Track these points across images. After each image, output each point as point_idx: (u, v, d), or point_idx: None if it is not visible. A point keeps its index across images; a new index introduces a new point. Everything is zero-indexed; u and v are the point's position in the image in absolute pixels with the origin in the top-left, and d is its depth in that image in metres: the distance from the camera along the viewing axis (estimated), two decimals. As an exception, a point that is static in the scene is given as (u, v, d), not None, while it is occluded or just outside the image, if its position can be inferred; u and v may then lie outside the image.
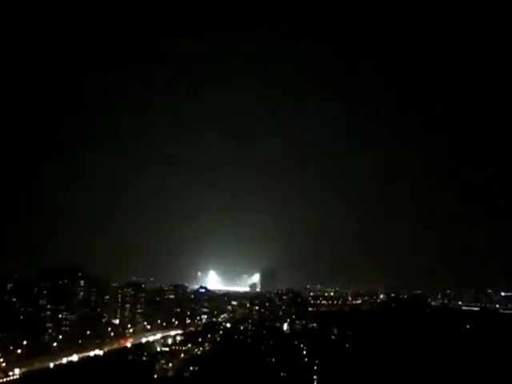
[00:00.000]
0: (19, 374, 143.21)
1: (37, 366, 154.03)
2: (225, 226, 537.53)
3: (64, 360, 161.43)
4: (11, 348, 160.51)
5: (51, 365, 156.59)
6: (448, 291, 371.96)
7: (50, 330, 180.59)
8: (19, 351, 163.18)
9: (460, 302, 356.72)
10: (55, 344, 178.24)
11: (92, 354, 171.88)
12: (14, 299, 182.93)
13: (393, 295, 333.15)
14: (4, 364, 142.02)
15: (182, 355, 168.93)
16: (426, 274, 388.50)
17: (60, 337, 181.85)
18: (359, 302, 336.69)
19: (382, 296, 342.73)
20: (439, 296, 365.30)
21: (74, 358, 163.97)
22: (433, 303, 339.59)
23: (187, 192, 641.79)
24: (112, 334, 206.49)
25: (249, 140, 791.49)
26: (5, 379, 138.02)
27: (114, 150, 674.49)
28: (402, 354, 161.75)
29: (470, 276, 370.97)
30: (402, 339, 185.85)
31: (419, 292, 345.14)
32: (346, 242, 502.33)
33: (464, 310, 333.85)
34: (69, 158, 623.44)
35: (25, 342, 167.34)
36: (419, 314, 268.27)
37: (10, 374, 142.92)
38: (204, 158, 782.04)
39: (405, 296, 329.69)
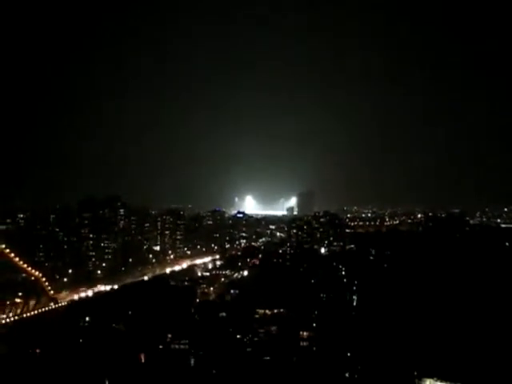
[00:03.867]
0: (67, 302, 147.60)
1: (82, 293, 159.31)
2: (260, 150, 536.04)
3: (108, 287, 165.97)
4: (57, 277, 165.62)
5: (96, 291, 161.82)
6: (486, 209, 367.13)
7: (93, 259, 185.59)
8: (65, 280, 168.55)
9: (499, 220, 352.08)
10: (99, 272, 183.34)
11: (135, 280, 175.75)
12: (57, 229, 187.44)
13: (430, 214, 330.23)
14: (52, 292, 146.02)
15: (223, 279, 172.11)
16: (463, 192, 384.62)
17: (103, 265, 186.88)
18: (396, 222, 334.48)
19: (419, 216, 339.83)
20: (477, 214, 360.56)
21: (117, 286, 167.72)
22: (471, 221, 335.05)
23: (221, 118, 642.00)
24: (153, 260, 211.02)
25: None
26: (54, 306, 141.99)
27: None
28: (440, 271, 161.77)
29: (509, 192, 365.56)
30: (440, 257, 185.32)
31: (457, 211, 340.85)
32: (382, 162, 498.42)
33: (503, 227, 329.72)
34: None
35: (70, 271, 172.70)
36: (457, 233, 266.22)
37: (60, 301, 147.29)
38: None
39: (443, 215, 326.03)
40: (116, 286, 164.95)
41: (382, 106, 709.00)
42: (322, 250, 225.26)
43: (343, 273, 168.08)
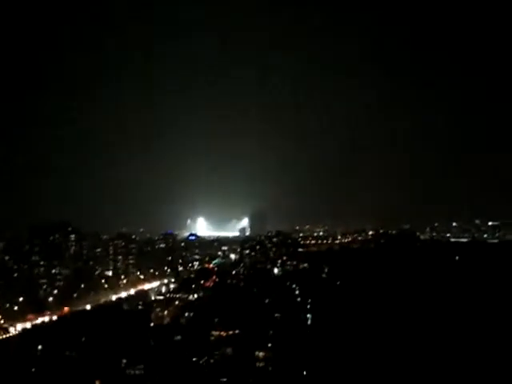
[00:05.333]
0: (18, 331, 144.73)
1: (33, 321, 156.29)
2: (211, 172, 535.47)
3: (59, 314, 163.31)
4: (7, 306, 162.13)
5: (47, 319, 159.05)
6: (436, 224, 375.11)
7: (44, 286, 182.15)
8: (16, 308, 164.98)
9: (448, 235, 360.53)
10: (51, 299, 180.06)
11: (87, 306, 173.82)
12: (7, 257, 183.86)
13: (381, 231, 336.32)
14: (2, 321, 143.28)
15: (177, 302, 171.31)
16: (413, 209, 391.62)
17: (55, 292, 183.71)
18: (349, 240, 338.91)
19: (370, 233, 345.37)
20: (427, 230, 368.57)
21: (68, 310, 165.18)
22: (421, 237, 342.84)
23: (171, 137, 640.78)
24: (106, 285, 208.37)
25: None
26: (4, 336, 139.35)
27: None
28: (392, 287, 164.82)
29: (458, 208, 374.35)
30: (392, 273, 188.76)
31: (407, 227, 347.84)
32: (333, 180, 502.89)
33: (453, 241, 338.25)
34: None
35: (21, 299, 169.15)
36: (408, 249, 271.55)
37: (10, 330, 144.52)
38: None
39: (393, 232, 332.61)
40: (67, 313, 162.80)
41: (334, 126, 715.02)
42: (276, 270, 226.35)
43: (297, 292, 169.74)
